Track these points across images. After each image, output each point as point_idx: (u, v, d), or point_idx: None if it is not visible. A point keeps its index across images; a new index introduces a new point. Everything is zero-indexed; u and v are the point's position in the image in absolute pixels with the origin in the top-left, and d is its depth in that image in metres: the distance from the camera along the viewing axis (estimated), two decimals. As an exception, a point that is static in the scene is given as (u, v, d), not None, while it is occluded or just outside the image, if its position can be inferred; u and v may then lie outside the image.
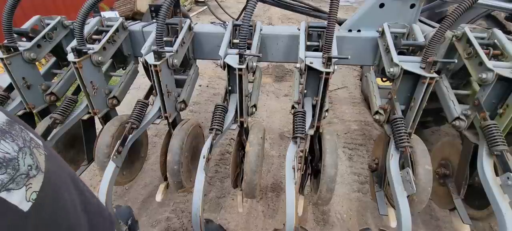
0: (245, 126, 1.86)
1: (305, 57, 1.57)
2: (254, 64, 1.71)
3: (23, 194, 0.46)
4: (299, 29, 1.86)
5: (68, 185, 0.62)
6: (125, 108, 2.50)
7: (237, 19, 2.30)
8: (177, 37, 1.83)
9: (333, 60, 1.47)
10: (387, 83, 1.84)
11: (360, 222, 2.40)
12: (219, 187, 2.69)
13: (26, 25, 1.88)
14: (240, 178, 1.92)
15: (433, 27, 1.87)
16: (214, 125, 1.69)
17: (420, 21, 1.99)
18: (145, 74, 2.28)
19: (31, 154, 0.50)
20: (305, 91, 1.72)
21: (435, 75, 1.41)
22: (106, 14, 5.12)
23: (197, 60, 2.17)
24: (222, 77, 4.71)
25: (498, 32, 1.56)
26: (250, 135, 1.76)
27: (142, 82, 3.92)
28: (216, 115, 1.73)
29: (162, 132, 3.33)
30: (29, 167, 0.49)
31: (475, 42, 1.48)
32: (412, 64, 1.50)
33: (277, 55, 2.05)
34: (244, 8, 1.64)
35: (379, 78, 1.89)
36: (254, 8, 1.37)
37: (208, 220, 1.72)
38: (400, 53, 1.66)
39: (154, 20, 2.07)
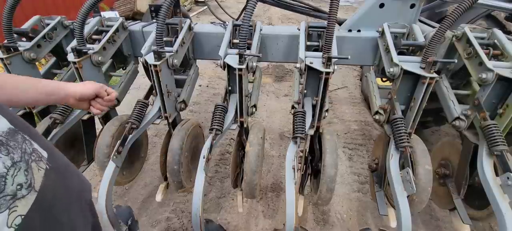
0: (245, 126, 1.86)
1: (305, 57, 1.57)
2: (254, 64, 1.71)
3: (5, 218, 0.40)
4: (299, 29, 1.86)
5: (72, 204, 0.55)
6: (125, 108, 2.49)
7: (237, 19, 2.30)
8: (177, 37, 1.83)
9: (333, 60, 1.47)
10: (387, 83, 1.84)
11: (360, 222, 2.40)
12: (219, 187, 2.69)
13: (26, 25, 1.88)
14: (240, 178, 1.92)
15: (433, 27, 1.87)
16: (214, 125, 1.69)
17: (420, 21, 1.99)
18: (145, 74, 2.28)
19: (26, 169, 0.45)
20: (305, 91, 1.72)
21: (435, 75, 1.41)
22: (106, 14, 5.11)
23: (197, 60, 2.17)
24: (222, 77, 4.71)
25: (498, 32, 1.56)
26: (250, 135, 1.76)
27: (142, 82, 3.92)
28: (216, 115, 1.73)
29: (162, 132, 3.33)
30: (19, 187, 0.43)
31: (475, 42, 1.48)
32: (412, 64, 1.50)
33: (277, 55, 2.05)
34: (244, 8, 1.64)
35: (379, 78, 1.89)
36: (254, 8, 1.37)
37: (208, 220, 1.72)
38: (400, 53, 1.66)
39: (154, 20, 2.07)
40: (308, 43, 1.82)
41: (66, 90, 1.07)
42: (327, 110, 1.69)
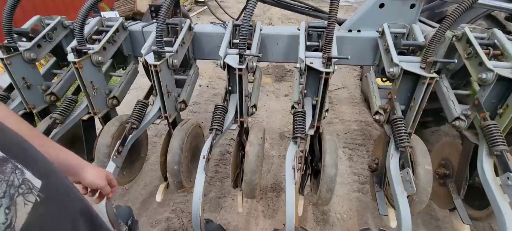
0: (245, 126, 1.86)
1: (305, 57, 1.57)
2: (254, 64, 1.71)
3: None
4: (299, 29, 1.86)
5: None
6: (125, 108, 2.49)
7: (237, 19, 2.30)
8: (177, 37, 1.83)
9: (333, 60, 1.47)
10: (387, 83, 1.84)
11: (360, 222, 2.40)
12: (219, 187, 2.69)
13: (26, 25, 1.88)
14: (240, 178, 1.92)
15: (433, 27, 1.87)
16: (214, 125, 1.69)
17: (420, 21, 1.98)
18: (145, 74, 2.28)
19: (8, 206, 0.41)
20: (305, 91, 1.72)
21: (435, 75, 1.41)
22: (106, 14, 5.11)
23: (197, 60, 2.17)
24: (222, 77, 4.71)
25: (498, 32, 1.56)
26: (250, 135, 1.76)
27: (142, 82, 3.92)
28: (216, 115, 1.73)
29: (162, 132, 3.33)
30: None
31: (475, 42, 1.48)
32: (412, 64, 1.50)
33: (277, 55, 2.05)
34: (244, 8, 1.64)
35: (379, 78, 1.89)
36: (254, 8, 1.37)
37: (208, 220, 1.72)
38: (400, 53, 1.66)
39: (154, 20, 2.07)
40: (308, 43, 1.82)
41: (82, 175, 0.97)
42: (327, 110, 1.69)
